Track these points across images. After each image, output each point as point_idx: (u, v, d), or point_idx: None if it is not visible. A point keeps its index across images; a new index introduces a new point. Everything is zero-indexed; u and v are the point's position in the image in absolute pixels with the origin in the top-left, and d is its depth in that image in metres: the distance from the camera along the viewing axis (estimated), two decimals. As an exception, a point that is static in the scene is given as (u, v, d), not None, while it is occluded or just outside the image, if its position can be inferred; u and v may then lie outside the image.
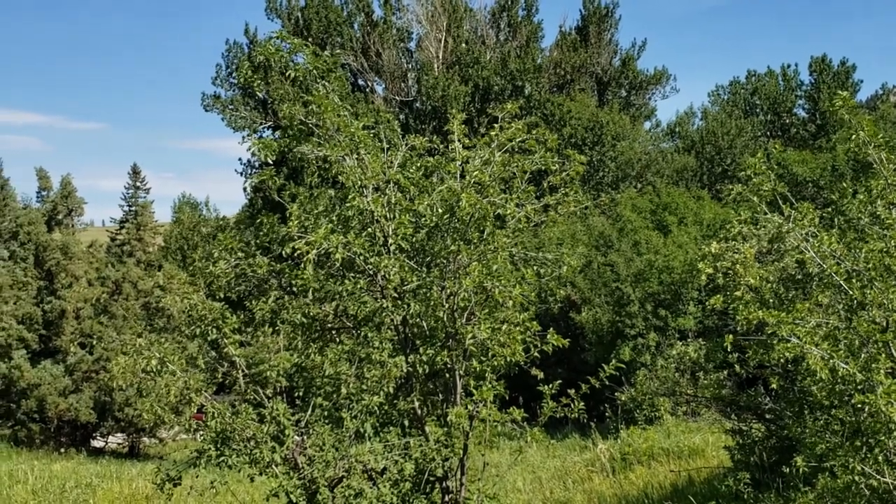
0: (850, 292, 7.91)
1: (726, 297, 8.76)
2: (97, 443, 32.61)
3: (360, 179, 8.53)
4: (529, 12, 52.47)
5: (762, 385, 12.92)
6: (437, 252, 8.74)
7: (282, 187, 9.50)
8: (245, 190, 48.49)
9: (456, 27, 50.82)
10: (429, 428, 8.85)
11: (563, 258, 9.26)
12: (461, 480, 8.87)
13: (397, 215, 8.67)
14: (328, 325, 9.40)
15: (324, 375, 8.60)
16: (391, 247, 8.58)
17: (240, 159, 50.98)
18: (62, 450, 28.94)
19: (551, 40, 56.46)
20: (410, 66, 51.60)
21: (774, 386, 9.60)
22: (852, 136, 8.85)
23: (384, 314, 8.57)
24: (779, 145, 36.37)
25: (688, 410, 24.60)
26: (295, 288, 8.92)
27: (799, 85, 58.25)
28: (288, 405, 8.59)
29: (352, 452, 8.25)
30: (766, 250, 9.57)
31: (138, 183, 41.23)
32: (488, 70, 47.65)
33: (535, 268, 9.16)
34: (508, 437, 15.96)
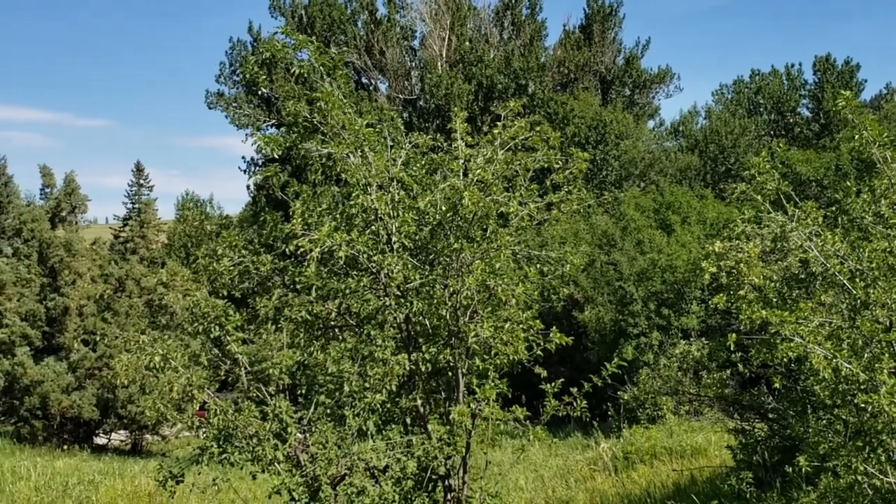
0: (854, 292, 7.90)
1: (729, 297, 8.76)
2: (100, 440, 32.66)
3: (364, 177, 8.52)
4: (533, 11, 52.49)
5: (765, 384, 12.90)
6: (441, 250, 8.74)
7: (286, 184, 9.49)
8: (248, 187, 48.48)
9: (460, 25, 50.85)
10: (431, 426, 8.85)
11: (567, 257, 9.25)
12: (463, 479, 8.86)
13: (401, 213, 8.66)
14: (331, 323, 9.39)
15: (326, 373, 8.60)
16: (394, 245, 8.57)
17: (243, 157, 50.95)
18: (65, 447, 28.97)
19: (555, 39, 56.59)
20: (414, 65, 51.65)
21: (777, 385, 9.58)
22: (856, 136, 8.84)
23: (387, 312, 8.57)
24: (782, 144, 36.31)
25: (690, 409, 24.64)
26: (298, 285, 8.92)
27: (803, 84, 58.23)
28: (290, 403, 8.59)
29: (354, 450, 8.26)
30: (770, 249, 9.56)
31: (142, 180, 41.26)
32: (492, 68, 47.66)
33: (538, 266, 9.14)
34: (511, 436, 16.02)
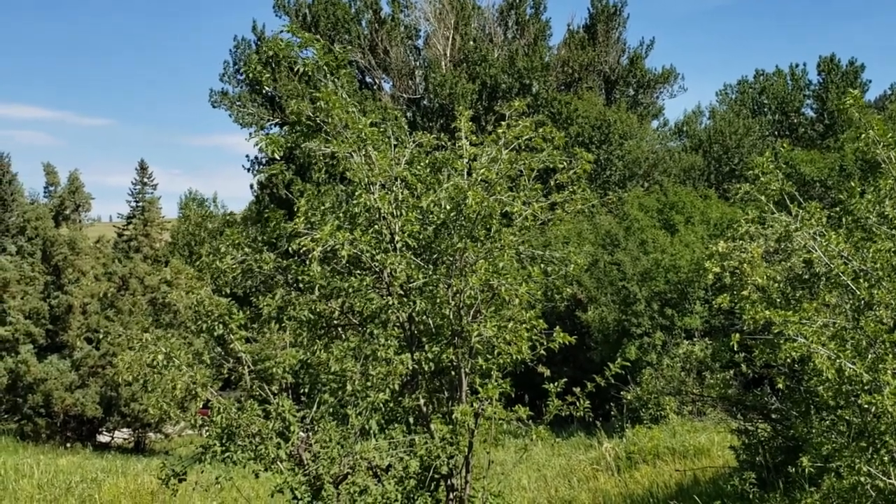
0: (858, 292, 7.89)
1: (733, 297, 8.76)
2: (103, 438, 32.72)
3: (368, 176, 8.51)
4: (537, 10, 52.46)
5: (768, 385, 12.88)
6: (444, 249, 8.72)
7: (290, 182, 9.50)
8: (252, 186, 48.55)
9: (464, 25, 50.83)
10: (434, 425, 8.84)
11: (570, 256, 9.23)
12: (466, 478, 8.86)
13: (404, 212, 8.65)
14: (334, 322, 9.39)
15: (329, 372, 8.59)
16: (398, 244, 8.56)
17: (247, 156, 51.03)
18: (68, 444, 29.04)
19: (559, 38, 56.68)
20: (418, 64, 51.63)
21: (781, 386, 9.56)
22: (861, 136, 8.83)
23: (390, 311, 8.56)
24: (787, 145, 36.24)
25: (693, 410, 24.60)
26: (301, 284, 8.91)
27: (807, 84, 58.15)
28: (293, 402, 8.59)
29: (357, 449, 8.25)
30: (774, 250, 9.55)
31: (145, 179, 41.38)
32: (496, 68, 47.62)
33: (542, 266, 9.12)
34: (514, 435, 16.00)
